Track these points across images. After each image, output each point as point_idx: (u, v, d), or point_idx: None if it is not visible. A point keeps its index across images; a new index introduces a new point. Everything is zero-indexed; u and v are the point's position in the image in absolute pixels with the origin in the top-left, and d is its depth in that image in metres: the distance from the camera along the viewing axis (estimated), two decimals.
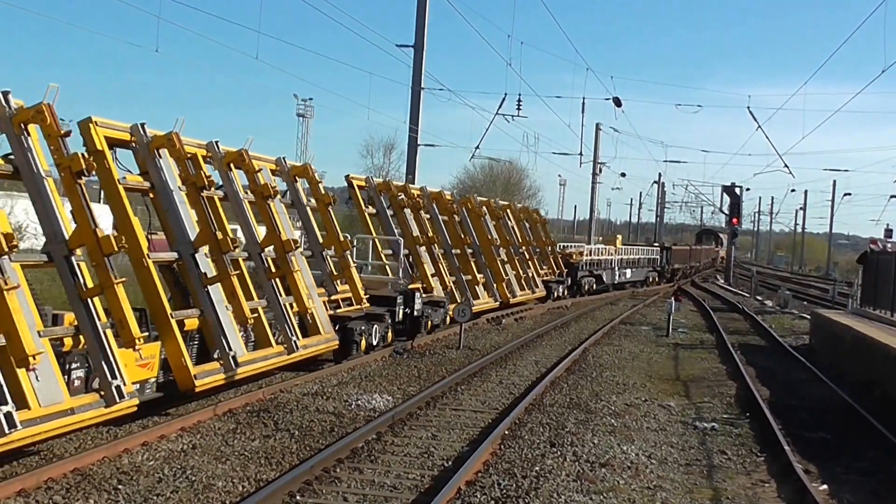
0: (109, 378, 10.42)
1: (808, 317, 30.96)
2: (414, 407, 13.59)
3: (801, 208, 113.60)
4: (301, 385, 15.05)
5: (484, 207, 31.19)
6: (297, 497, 9.08)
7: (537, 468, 10.57)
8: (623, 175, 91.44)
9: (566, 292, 39.83)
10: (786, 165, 54.33)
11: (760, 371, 20.08)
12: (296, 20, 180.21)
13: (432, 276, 24.29)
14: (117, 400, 10.48)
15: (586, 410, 14.33)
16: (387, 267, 23.16)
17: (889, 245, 34.06)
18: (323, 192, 19.17)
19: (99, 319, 10.57)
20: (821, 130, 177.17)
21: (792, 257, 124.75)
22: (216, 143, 15.18)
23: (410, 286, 21.46)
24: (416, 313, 20.63)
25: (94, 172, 11.39)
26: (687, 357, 22.35)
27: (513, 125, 70.34)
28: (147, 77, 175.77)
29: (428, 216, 26.27)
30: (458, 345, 21.28)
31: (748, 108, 63.41)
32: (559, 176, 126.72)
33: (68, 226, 10.87)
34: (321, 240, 18.31)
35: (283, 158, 17.77)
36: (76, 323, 10.56)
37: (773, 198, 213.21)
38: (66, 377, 10.33)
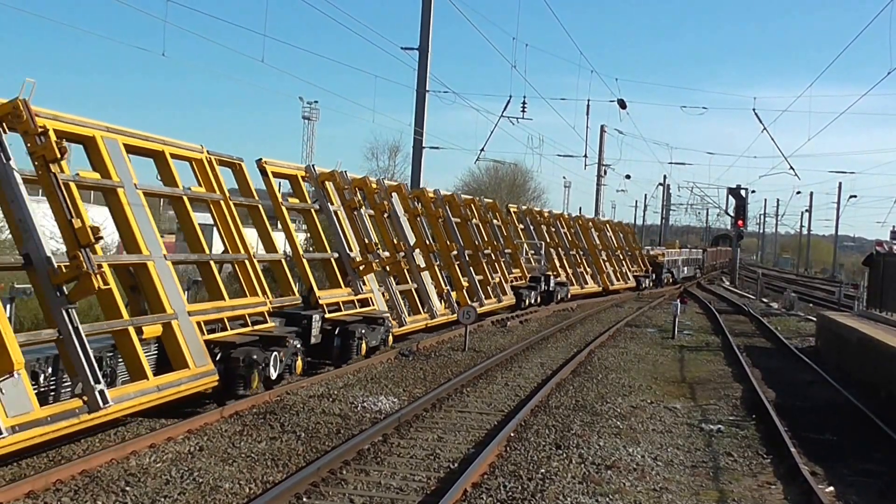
0: (432, 304, 23.00)
1: (814, 319, 30.92)
2: (420, 409, 13.62)
3: (806, 210, 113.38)
4: (307, 387, 15.08)
5: (590, 223, 47.05)
6: (304, 499, 9.12)
7: (543, 470, 10.59)
8: (628, 177, 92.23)
9: (651, 284, 53.30)
10: (791, 167, 53.72)
11: (766, 373, 20.07)
12: (301, 23, 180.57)
13: (559, 266, 39.40)
14: (436, 315, 22.86)
15: (592, 412, 14.33)
16: (531, 259, 36.52)
17: (895, 247, 33.89)
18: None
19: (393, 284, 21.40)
20: (826, 132, 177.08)
21: (798, 259, 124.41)
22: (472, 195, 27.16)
23: (547, 272, 35.51)
24: (550, 288, 35.19)
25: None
26: (692, 359, 22.34)
27: (517, 127, 70.71)
28: (154, 80, 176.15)
29: (553, 229, 41.17)
30: (463, 347, 21.31)
31: (754, 110, 63.26)
32: (564, 178, 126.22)
33: (360, 242, 19.80)
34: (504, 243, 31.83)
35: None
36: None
37: (778, 200, 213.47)
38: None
